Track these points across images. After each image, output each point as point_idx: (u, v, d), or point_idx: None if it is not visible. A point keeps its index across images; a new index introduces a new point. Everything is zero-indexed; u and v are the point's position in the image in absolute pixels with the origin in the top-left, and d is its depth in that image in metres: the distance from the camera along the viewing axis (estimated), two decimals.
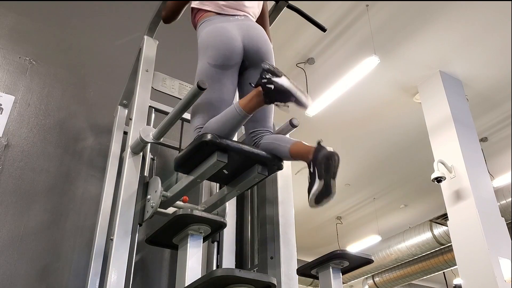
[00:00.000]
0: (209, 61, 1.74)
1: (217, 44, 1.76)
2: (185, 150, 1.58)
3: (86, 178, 2.24)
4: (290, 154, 1.59)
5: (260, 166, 1.60)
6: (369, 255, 1.69)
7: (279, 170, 1.67)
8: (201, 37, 1.83)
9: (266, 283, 1.34)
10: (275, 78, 1.48)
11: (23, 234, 1.97)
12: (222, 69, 1.74)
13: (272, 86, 1.47)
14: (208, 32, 1.81)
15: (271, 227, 1.91)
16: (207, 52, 1.76)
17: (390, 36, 5.33)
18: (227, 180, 1.71)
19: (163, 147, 2.43)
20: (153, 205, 1.71)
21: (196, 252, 1.51)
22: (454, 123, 5.40)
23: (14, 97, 2.24)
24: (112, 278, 1.51)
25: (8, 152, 2.10)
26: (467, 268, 4.73)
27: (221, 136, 1.52)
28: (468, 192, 4.95)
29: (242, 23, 1.84)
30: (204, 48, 1.78)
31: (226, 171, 1.62)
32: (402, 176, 7.97)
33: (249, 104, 1.55)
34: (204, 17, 1.87)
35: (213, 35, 1.79)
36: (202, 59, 1.77)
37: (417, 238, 7.86)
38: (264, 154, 1.60)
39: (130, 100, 2.17)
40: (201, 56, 1.78)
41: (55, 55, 2.49)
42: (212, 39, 1.78)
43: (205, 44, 1.79)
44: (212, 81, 1.71)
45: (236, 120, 1.58)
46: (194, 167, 1.61)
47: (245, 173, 1.65)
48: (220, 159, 1.50)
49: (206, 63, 1.74)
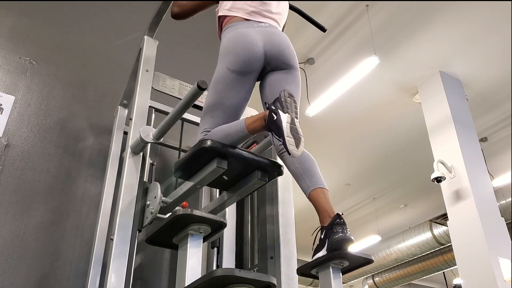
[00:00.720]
0: (228, 66, 1.74)
1: (237, 49, 1.76)
2: (185, 156, 1.58)
3: (86, 178, 2.24)
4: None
5: (260, 172, 1.60)
6: (369, 255, 1.69)
7: (280, 175, 1.68)
8: (223, 42, 1.84)
9: (266, 283, 1.34)
10: (280, 111, 1.47)
11: (23, 234, 1.97)
12: (240, 75, 1.74)
13: (274, 116, 1.47)
14: (230, 37, 1.81)
15: (271, 227, 1.91)
16: (227, 57, 1.76)
17: (390, 36, 5.33)
18: (227, 186, 1.71)
19: (163, 149, 2.43)
20: (152, 211, 1.70)
21: (196, 252, 1.51)
22: (454, 123, 5.40)
23: (14, 97, 2.24)
24: (112, 278, 1.51)
25: (8, 152, 2.10)
26: (467, 268, 4.72)
27: (221, 142, 1.52)
28: (468, 192, 4.95)
29: (265, 30, 1.84)
30: (225, 53, 1.79)
31: (226, 177, 1.62)
32: (402, 176, 7.97)
33: (253, 124, 1.56)
34: (230, 22, 1.88)
35: (234, 41, 1.79)
36: (221, 63, 1.78)
37: (417, 238, 7.86)
38: (264, 160, 1.60)
39: (130, 100, 2.17)
40: (221, 60, 1.79)
41: (55, 55, 2.49)
42: (233, 44, 1.78)
43: (226, 49, 1.79)
44: (228, 87, 1.72)
45: (238, 136, 1.59)
46: (194, 173, 1.61)
47: (245, 179, 1.65)
48: (219, 166, 1.50)
49: (225, 68, 1.75)
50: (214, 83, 1.76)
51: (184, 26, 3.08)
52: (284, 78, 1.82)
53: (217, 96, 1.73)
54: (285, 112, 1.47)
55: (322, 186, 1.66)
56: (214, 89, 1.75)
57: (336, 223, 1.55)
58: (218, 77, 1.75)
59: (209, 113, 1.72)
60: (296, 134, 1.45)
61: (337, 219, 1.56)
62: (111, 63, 2.66)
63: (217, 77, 1.76)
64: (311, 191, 1.64)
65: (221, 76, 1.74)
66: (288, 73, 1.83)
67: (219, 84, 1.74)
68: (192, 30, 3.13)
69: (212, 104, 1.71)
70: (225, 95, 1.71)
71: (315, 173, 1.68)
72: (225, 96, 1.71)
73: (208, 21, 3.16)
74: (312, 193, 1.64)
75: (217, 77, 1.76)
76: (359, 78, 5.35)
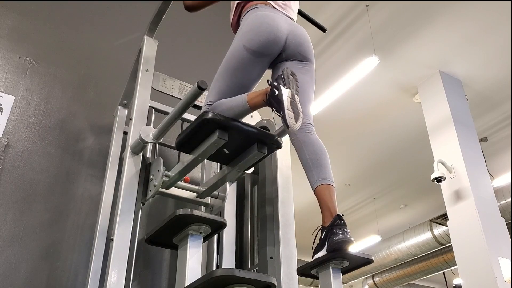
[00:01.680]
0: (245, 44, 1.73)
1: (261, 30, 1.74)
2: (187, 129, 1.59)
3: (86, 178, 2.24)
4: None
5: (259, 144, 1.61)
6: (369, 255, 1.69)
7: (278, 148, 1.69)
8: (246, 20, 1.82)
9: (266, 283, 1.35)
10: (282, 86, 1.49)
11: (23, 233, 1.97)
12: (255, 56, 1.73)
13: (276, 91, 1.49)
14: (256, 16, 1.79)
15: (271, 227, 1.91)
16: (246, 35, 1.75)
17: (390, 36, 5.33)
18: (227, 160, 1.73)
19: (163, 149, 2.43)
20: (155, 184, 1.73)
21: (196, 252, 1.51)
22: (454, 123, 5.40)
23: (14, 97, 2.24)
24: (112, 278, 1.51)
25: (8, 152, 2.10)
26: (467, 268, 4.73)
27: (221, 114, 1.54)
28: (468, 192, 4.95)
29: (290, 21, 1.86)
30: (246, 30, 1.77)
31: (227, 150, 1.64)
32: (402, 176, 7.97)
33: (255, 99, 1.58)
34: (255, 4, 1.86)
35: (260, 20, 1.77)
36: (238, 40, 1.76)
37: (417, 238, 7.86)
38: (263, 132, 1.62)
39: (130, 100, 2.17)
40: (239, 37, 1.77)
41: (55, 55, 2.49)
42: (257, 24, 1.76)
43: (247, 27, 1.77)
44: (240, 64, 1.72)
45: (239, 110, 1.61)
46: (195, 147, 1.62)
47: (245, 152, 1.67)
48: (220, 137, 1.51)
49: (241, 45, 1.74)
50: (228, 58, 1.76)
51: (184, 26, 3.08)
52: (299, 68, 1.82)
53: (227, 72, 1.73)
54: (286, 88, 1.49)
55: (329, 183, 1.65)
56: (226, 64, 1.75)
57: (336, 224, 1.55)
58: (233, 53, 1.75)
59: (215, 87, 1.73)
60: (295, 109, 1.48)
61: (337, 220, 1.56)
62: (111, 63, 2.65)
63: (232, 52, 1.75)
64: (318, 186, 1.64)
65: (236, 53, 1.74)
66: (303, 64, 1.84)
67: (233, 60, 1.74)
68: (192, 30, 3.12)
69: (221, 78, 1.72)
70: (235, 72, 1.72)
71: (324, 167, 1.67)
72: (234, 73, 1.72)
73: (208, 21, 3.16)
74: (318, 189, 1.64)
75: (232, 52, 1.75)
76: (359, 78, 5.34)
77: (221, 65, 1.77)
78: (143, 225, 2.18)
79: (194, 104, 1.76)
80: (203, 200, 1.99)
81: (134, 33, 2.70)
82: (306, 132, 1.74)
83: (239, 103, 1.61)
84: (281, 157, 2.07)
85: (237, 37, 1.78)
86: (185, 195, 1.94)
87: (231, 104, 1.63)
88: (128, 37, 2.75)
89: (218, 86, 1.73)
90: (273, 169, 2.05)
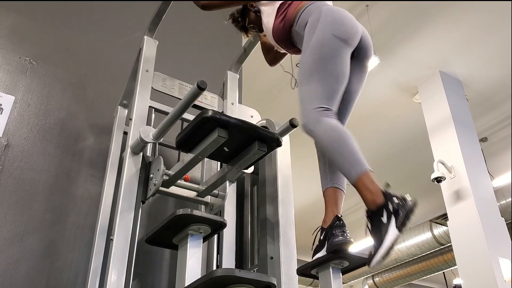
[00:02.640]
0: (334, 33, 1.62)
1: (346, 21, 1.67)
2: (187, 127, 1.59)
3: (86, 178, 2.24)
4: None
5: (259, 142, 1.61)
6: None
7: (278, 146, 1.67)
8: (322, 12, 1.69)
9: (266, 283, 1.34)
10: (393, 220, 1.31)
11: (23, 233, 1.97)
12: (346, 44, 1.63)
13: (385, 220, 1.32)
14: (331, 9, 1.70)
15: (271, 227, 1.91)
16: (331, 26, 1.64)
17: (390, 36, 5.33)
18: (227, 158, 1.73)
19: (162, 149, 2.43)
20: (155, 183, 1.72)
21: (196, 252, 1.51)
22: (454, 123, 5.40)
23: (14, 97, 2.24)
24: (112, 278, 1.51)
25: (8, 152, 2.10)
26: (467, 268, 4.73)
27: (221, 113, 1.54)
28: (468, 192, 4.95)
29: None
30: (328, 22, 1.64)
31: (227, 148, 1.64)
32: (402, 176, 7.97)
33: (364, 187, 1.41)
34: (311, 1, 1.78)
35: (340, 13, 1.69)
36: (323, 31, 1.63)
37: (417, 238, 7.86)
38: (263, 131, 1.61)
39: (130, 100, 2.17)
40: (322, 28, 1.64)
41: (55, 55, 2.49)
42: (340, 15, 1.68)
43: (329, 19, 1.66)
44: (335, 52, 1.60)
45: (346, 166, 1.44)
46: (195, 145, 1.62)
47: (245, 150, 1.66)
48: (221, 135, 1.51)
49: (330, 34, 1.61)
50: (317, 48, 1.62)
51: (184, 26, 3.08)
52: (360, 79, 1.79)
53: (322, 63, 1.59)
54: (397, 226, 1.31)
55: (341, 188, 1.65)
56: (316, 56, 1.60)
57: (335, 225, 1.55)
58: (323, 43, 1.61)
59: (314, 87, 1.55)
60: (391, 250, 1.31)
61: (336, 221, 1.56)
62: (111, 63, 2.65)
63: (322, 43, 1.61)
64: (329, 187, 1.63)
65: (327, 42, 1.60)
66: (363, 72, 1.80)
67: (324, 49, 1.60)
68: (192, 30, 3.12)
69: (316, 73, 1.56)
70: (333, 61, 1.58)
71: (340, 173, 1.67)
72: (333, 63, 1.58)
73: (208, 21, 3.16)
74: (329, 190, 1.63)
75: (322, 43, 1.61)
76: None
77: (308, 61, 1.62)
78: (143, 225, 2.18)
79: (194, 104, 1.77)
80: (203, 199, 1.99)
81: (134, 33, 2.70)
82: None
83: (349, 163, 1.43)
84: (281, 156, 2.07)
85: (316, 31, 1.64)
86: (185, 194, 1.94)
87: (346, 150, 1.45)
88: (128, 37, 2.75)
89: (316, 84, 1.56)
90: (273, 168, 2.05)
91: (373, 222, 1.38)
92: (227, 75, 2.31)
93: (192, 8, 2.05)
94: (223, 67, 2.39)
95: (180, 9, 2.11)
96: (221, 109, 2.20)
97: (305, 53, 1.65)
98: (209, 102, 2.20)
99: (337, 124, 1.52)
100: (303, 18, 1.76)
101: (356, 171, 1.42)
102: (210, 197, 2.00)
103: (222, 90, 2.31)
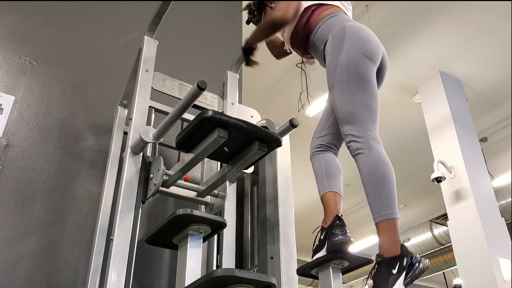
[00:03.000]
0: (363, 52, 1.59)
1: (371, 39, 1.66)
2: (187, 127, 1.59)
3: (86, 178, 2.24)
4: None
5: (259, 142, 1.61)
6: (369, 255, 1.70)
7: (278, 146, 1.68)
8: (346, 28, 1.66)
9: (266, 283, 1.35)
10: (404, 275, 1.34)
11: (23, 233, 1.97)
12: (373, 64, 1.61)
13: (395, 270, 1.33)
14: (356, 26, 1.67)
15: (271, 227, 1.92)
16: (359, 44, 1.61)
17: (390, 36, 5.33)
18: (227, 158, 1.73)
19: (162, 149, 2.43)
20: (155, 183, 1.73)
21: (196, 252, 1.51)
22: (454, 123, 5.40)
23: (14, 97, 2.24)
24: (112, 278, 1.51)
25: (8, 152, 2.10)
26: (467, 268, 4.73)
27: (221, 113, 1.54)
28: (468, 192, 4.96)
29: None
30: (355, 40, 1.62)
31: (227, 148, 1.64)
32: (402, 176, 7.93)
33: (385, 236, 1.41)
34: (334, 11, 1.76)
35: (365, 30, 1.67)
36: (351, 49, 1.60)
37: (417, 238, 7.87)
38: (263, 131, 1.62)
39: (130, 100, 2.17)
40: (349, 46, 1.61)
41: (55, 55, 2.49)
42: (365, 33, 1.66)
43: (356, 36, 1.63)
44: (367, 71, 1.58)
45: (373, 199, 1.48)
46: (195, 145, 1.63)
47: (245, 150, 1.67)
48: (221, 135, 1.51)
49: (359, 53, 1.59)
50: (349, 66, 1.57)
51: (184, 26, 3.08)
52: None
53: (360, 82, 1.55)
54: (404, 283, 1.34)
55: (339, 193, 1.65)
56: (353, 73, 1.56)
57: (336, 224, 1.55)
58: (354, 62, 1.57)
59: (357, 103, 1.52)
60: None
61: (336, 221, 1.56)
62: (111, 63, 2.65)
63: (352, 63, 1.57)
64: (328, 191, 1.63)
65: (357, 60, 1.57)
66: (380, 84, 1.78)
67: (356, 68, 1.56)
68: (192, 30, 3.12)
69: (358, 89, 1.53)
70: (368, 80, 1.55)
71: (337, 180, 1.67)
72: (369, 82, 1.55)
73: (207, 21, 3.16)
74: (328, 194, 1.63)
75: (352, 63, 1.57)
76: None
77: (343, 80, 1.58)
78: (143, 225, 2.18)
79: (194, 104, 1.77)
80: (203, 199, 1.99)
81: (134, 33, 2.70)
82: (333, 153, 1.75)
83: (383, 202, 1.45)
84: (281, 157, 2.08)
85: (343, 49, 1.61)
86: (185, 194, 1.95)
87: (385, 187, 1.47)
88: (128, 37, 2.75)
89: (360, 106, 1.53)
90: (273, 169, 2.05)
91: (382, 269, 1.39)
92: (227, 75, 2.31)
93: (192, 8, 2.06)
94: (223, 67, 2.38)
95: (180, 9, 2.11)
96: (221, 109, 2.20)
97: (335, 69, 1.61)
98: (209, 102, 2.19)
99: (386, 157, 1.53)
100: (322, 31, 1.73)
101: (386, 213, 1.44)
102: (210, 197, 2.00)
103: (222, 90, 2.31)
